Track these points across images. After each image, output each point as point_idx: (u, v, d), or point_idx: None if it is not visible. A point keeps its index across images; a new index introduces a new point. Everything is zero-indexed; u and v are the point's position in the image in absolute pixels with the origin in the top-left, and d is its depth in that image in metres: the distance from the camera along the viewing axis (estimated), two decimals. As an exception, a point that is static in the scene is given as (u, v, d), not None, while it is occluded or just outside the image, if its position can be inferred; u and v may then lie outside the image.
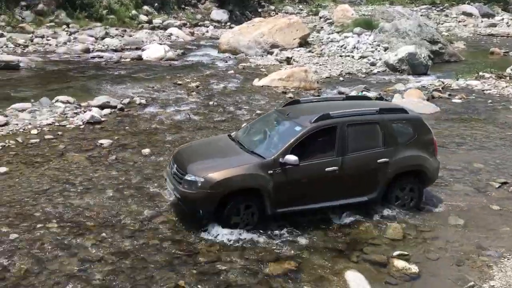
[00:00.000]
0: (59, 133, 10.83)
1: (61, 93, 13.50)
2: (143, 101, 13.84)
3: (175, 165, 7.23)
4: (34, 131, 10.74)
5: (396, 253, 6.70)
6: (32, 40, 21.68)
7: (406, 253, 6.71)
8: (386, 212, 7.63)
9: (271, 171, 6.84)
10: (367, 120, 7.53)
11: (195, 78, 17.33)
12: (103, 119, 11.94)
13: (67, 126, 11.32)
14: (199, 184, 6.70)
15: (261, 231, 6.96)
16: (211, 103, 14.15)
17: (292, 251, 6.69)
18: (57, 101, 12.82)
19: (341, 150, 7.21)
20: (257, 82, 16.79)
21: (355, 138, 7.31)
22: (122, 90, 15.15)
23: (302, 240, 6.93)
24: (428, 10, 38.80)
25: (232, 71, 18.85)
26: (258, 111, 13.37)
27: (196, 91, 15.50)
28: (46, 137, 10.50)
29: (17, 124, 11.06)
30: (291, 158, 6.83)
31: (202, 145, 8.35)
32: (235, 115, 13.00)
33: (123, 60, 20.00)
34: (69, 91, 14.28)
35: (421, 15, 31.70)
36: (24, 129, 10.83)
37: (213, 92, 15.64)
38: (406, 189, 7.73)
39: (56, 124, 11.37)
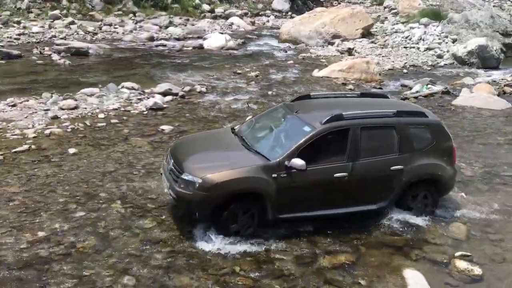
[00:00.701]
0: (124, 118, 11.25)
1: (126, 80, 14.00)
2: (203, 89, 14.09)
3: (172, 161, 6.75)
4: (101, 115, 11.22)
5: (458, 253, 6.45)
6: (100, 28, 22.58)
7: (469, 253, 6.43)
8: (451, 210, 7.32)
9: (275, 175, 6.31)
10: (383, 123, 6.93)
11: (254, 67, 17.39)
12: (165, 105, 12.26)
13: (132, 111, 11.73)
14: (197, 185, 6.19)
15: (316, 223, 6.90)
16: (269, 92, 14.16)
17: (349, 246, 6.59)
18: (122, 87, 13.31)
19: (353, 155, 6.65)
20: (316, 73, 16.60)
21: (368, 142, 6.75)
22: (184, 78, 15.48)
23: (358, 235, 6.80)
24: (501, 1, 36.52)
25: (291, 61, 18.74)
26: (317, 102, 13.23)
27: (255, 81, 15.56)
28: (112, 121, 10.93)
29: (85, 108, 11.60)
30: (298, 162, 6.28)
31: (202, 139, 7.70)
32: (294, 105, 12.91)
33: (185, 48, 20.40)
34: (134, 77, 14.77)
35: (493, 6, 29.93)
36: (92, 113, 11.34)
37: (272, 82, 15.63)
38: (419, 197, 7.20)
39: (122, 109, 11.80)
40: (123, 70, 16.17)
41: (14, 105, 11.29)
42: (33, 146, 9.17)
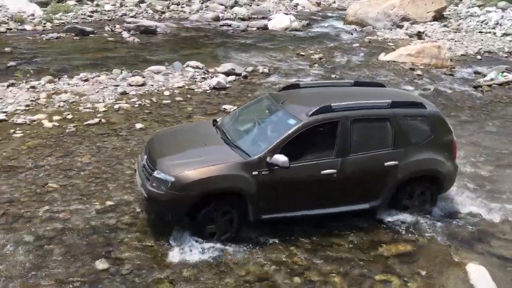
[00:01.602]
0: (188, 96, 11.49)
1: (191, 59, 14.27)
2: (266, 70, 14.08)
3: (146, 156, 6.27)
4: (167, 93, 11.53)
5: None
6: (168, 7, 23.09)
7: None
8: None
9: (256, 172, 5.76)
10: (376, 115, 6.36)
11: (318, 50, 17.13)
12: (228, 85, 12.39)
13: (195, 90, 11.95)
14: (169, 184, 5.66)
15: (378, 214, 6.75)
16: (333, 76, 13.92)
17: (410, 235, 6.41)
18: (187, 66, 13.59)
19: (342, 150, 6.12)
20: (383, 57, 16.08)
21: (359, 136, 6.21)
22: (247, 58, 15.55)
23: (422, 226, 6.59)
24: None
25: (357, 44, 18.27)
26: (382, 87, 12.86)
27: (319, 63, 15.34)
28: (177, 99, 11.21)
29: (152, 85, 11.96)
30: (280, 158, 5.72)
31: (180, 132, 7.14)
32: (357, 89, 12.61)
33: (249, 29, 20.43)
34: (199, 57, 15.02)
35: None
36: (158, 90, 11.68)
37: (336, 65, 15.35)
38: (416, 195, 6.69)
39: (186, 87, 12.06)
40: (188, 49, 16.48)
41: (86, 80, 11.85)
42: (103, 120, 9.60)
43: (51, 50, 15.25)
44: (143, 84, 11.89)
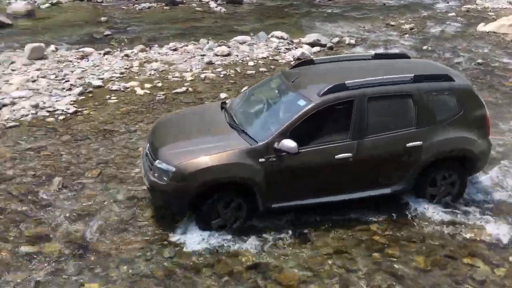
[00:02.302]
0: (272, 66, 11.48)
1: (276, 29, 14.17)
2: (352, 41, 13.66)
3: (148, 144, 6.02)
4: (251, 63, 11.61)
5: None
6: (255, -24, 22.98)
7: None
8: None
9: (263, 159, 5.37)
10: (396, 91, 5.78)
11: (409, 19, 16.25)
12: (312, 56, 12.20)
13: (279, 61, 11.90)
14: (170, 175, 5.34)
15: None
16: (425, 47, 13.16)
17: (497, 220, 6.03)
18: (272, 36, 13.53)
19: (358, 132, 5.62)
20: (482, 27, 14.88)
21: (377, 115, 5.70)
22: (333, 28, 15.15)
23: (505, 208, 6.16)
24: None
25: (453, 14, 17.06)
26: (480, 60, 11.94)
27: (410, 34, 14.58)
28: (261, 69, 11.25)
29: (237, 55, 12.10)
30: (289, 144, 5.28)
31: (184, 118, 6.64)
32: (451, 62, 11.84)
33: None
34: (284, 27, 14.88)
35: None
36: (242, 60, 11.79)
37: (429, 35, 14.48)
38: (442, 178, 6.11)
39: (270, 58, 12.05)
40: (273, 19, 16.38)
41: (175, 49, 12.26)
42: (190, 89, 9.92)
43: (143, 19, 15.91)
44: (228, 54, 12.05)
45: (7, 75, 9.95)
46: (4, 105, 8.56)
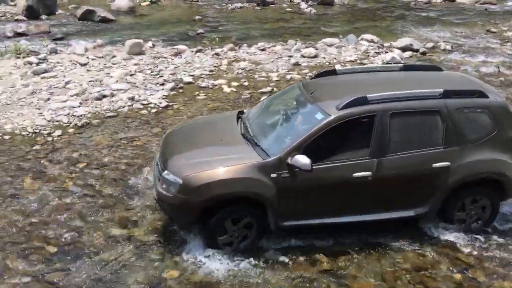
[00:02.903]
0: (360, 70, 11.28)
1: (367, 31, 13.90)
2: (448, 47, 13.04)
3: (159, 154, 5.88)
4: (338, 66, 11.45)
5: None
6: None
7: None
8: None
9: (275, 175, 5.08)
10: (423, 107, 5.38)
11: (514, 26, 15.15)
12: (402, 62, 11.79)
13: (368, 65, 11.64)
14: (177, 187, 5.13)
15: None
16: (528, 57, 12.22)
17: None
18: (362, 39, 13.29)
19: (379, 149, 5.26)
20: None
21: (401, 132, 5.32)
22: (427, 33, 14.56)
23: None
24: None
25: None
26: None
27: (513, 42, 13.60)
28: (348, 72, 11.10)
29: (324, 58, 12.03)
30: (302, 160, 4.96)
31: (198, 127, 6.43)
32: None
33: (433, 1, 18.96)
34: (375, 30, 14.57)
35: None
36: (329, 63, 11.69)
37: (535, 44, 13.41)
38: (471, 203, 5.65)
39: (358, 61, 11.84)
40: (364, 22, 16.08)
41: (263, 49, 12.46)
42: (275, 89, 10.02)
43: (235, 19, 16.36)
44: (315, 56, 12.02)
45: (108, 68, 10.72)
46: (105, 96, 9.24)
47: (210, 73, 10.86)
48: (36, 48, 11.91)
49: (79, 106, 8.78)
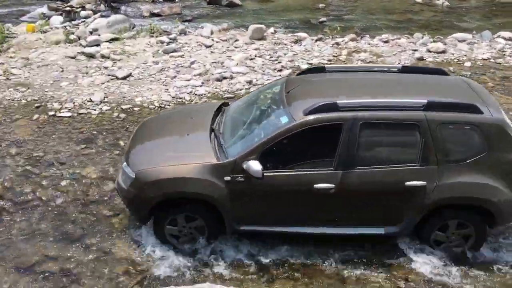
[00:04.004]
0: (492, 70, 10.34)
1: (505, 28, 12.66)
2: None
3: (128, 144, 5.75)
4: (467, 64, 10.64)
5: None
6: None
7: None
8: None
9: (229, 178, 4.82)
10: (400, 118, 4.81)
11: None
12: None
13: (502, 64, 10.66)
14: (130, 181, 5.05)
15: None
16: None
17: None
18: (499, 36, 12.15)
19: (345, 161, 4.82)
20: None
21: (371, 145, 4.91)
22: None
23: None
24: None
25: None
26: None
27: None
28: (477, 72, 10.24)
29: (453, 54, 11.21)
30: (253, 167, 4.68)
31: (175, 117, 6.23)
32: None
33: None
34: (515, 27, 13.21)
35: None
36: (458, 60, 10.89)
37: None
38: (453, 228, 5.09)
39: (491, 60, 10.87)
40: (504, 17, 14.68)
41: (386, 41, 11.99)
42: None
43: (359, 8, 15.95)
44: (443, 52, 11.27)
45: (230, 51, 11.14)
46: (225, 78, 9.64)
47: (328, 62, 10.74)
48: (168, 28, 12.78)
49: (200, 86, 9.29)
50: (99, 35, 11.71)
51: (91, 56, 10.55)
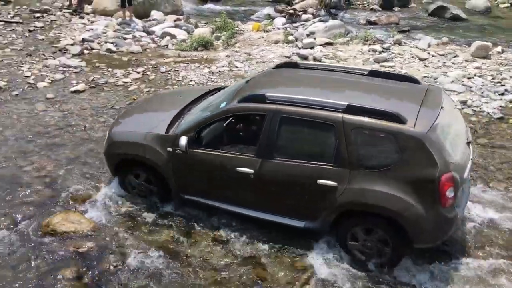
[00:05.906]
0: None
1: None
2: None
3: None
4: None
5: None
6: None
7: None
8: None
9: (170, 149, 5.46)
10: (317, 117, 4.82)
11: None
12: None
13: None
14: (106, 139, 6.10)
15: None
16: None
17: None
18: None
19: (265, 150, 5.05)
20: None
21: (289, 139, 5.08)
22: None
23: None
24: None
25: None
26: None
27: None
28: None
29: None
30: (181, 142, 5.24)
31: (171, 95, 7.47)
32: None
33: None
34: None
35: None
36: None
37: None
38: (361, 233, 4.96)
39: None
40: None
41: None
42: None
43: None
44: None
45: (446, 67, 10.41)
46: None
47: None
48: (383, 37, 12.59)
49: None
50: (314, 38, 12.22)
51: (304, 58, 11.07)
